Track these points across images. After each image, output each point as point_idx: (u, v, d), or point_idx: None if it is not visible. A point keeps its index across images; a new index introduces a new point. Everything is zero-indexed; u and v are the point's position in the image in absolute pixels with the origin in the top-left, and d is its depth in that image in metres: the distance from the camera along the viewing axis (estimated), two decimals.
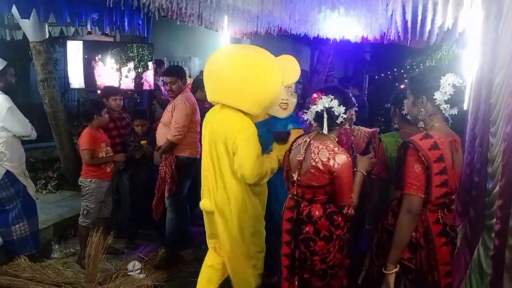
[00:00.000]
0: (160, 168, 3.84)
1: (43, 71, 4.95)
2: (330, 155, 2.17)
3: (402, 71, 13.88)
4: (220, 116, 2.55)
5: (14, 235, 3.66)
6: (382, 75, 14.49)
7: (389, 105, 3.91)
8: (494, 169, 2.44)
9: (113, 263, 3.84)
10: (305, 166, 2.26)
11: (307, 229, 2.24)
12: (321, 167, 2.18)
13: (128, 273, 3.67)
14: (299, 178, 2.28)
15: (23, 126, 3.62)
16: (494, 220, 2.35)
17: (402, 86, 12.02)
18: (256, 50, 2.60)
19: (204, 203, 2.66)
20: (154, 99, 6.15)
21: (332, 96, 2.22)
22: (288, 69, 2.63)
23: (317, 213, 2.24)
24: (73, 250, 4.13)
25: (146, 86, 5.66)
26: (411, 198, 1.94)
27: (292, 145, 2.44)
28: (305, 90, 9.91)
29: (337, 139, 2.32)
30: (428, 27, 4.65)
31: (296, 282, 2.32)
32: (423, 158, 1.91)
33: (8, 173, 3.59)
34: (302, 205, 2.28)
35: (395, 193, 2.15)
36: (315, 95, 2.26)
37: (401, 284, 2.06)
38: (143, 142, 4.22)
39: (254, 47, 2.68)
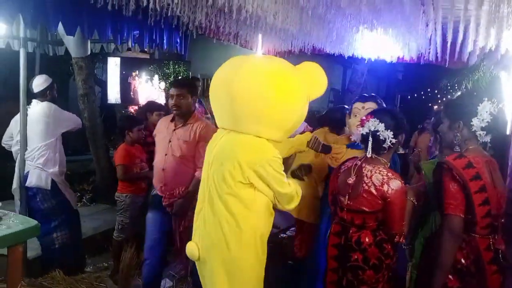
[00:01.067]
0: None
1: (83, 86, 5.09)
2: (384, 180, 2.11)
3: (436, 91, 13.66)
4: (233, 139, 2.10)
5: (56, 243, 3.73)
6: (415, 95, 14.27)
7: (422, 126, 3.83)
8: None
9: None
10: (356, 190, 2.19)
11: (356, 256, 2.16)
12: (374, 191, 2.12)
13: None
14: (349, 202, 2.21)
15: (72, 119, 3.82)
16: None
17: (435, 107, 11.83)
18: (275, 63, 2.12)
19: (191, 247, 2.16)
20: None
21: (378, 120, 2.17)
22: (313, 81, 2.17)
23: (367, 239, 2.16)
24: (106, 265, 4.17)
25: None
26: (450, 218, 1.93)
27: (340, 168, 2.38)
28: None
29: (389, 164, 2.25)
30: (469, 48, 4.56)
31: None
32: (457, 177, 1.91)
33: (52, 182, 3.70)
34: (350, 231, 2.21)
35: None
36: (364, 117, 2.22)
37: None
38: None
39: (270, 57, 2.26)
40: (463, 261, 1.98)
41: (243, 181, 2.01)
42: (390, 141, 2.16)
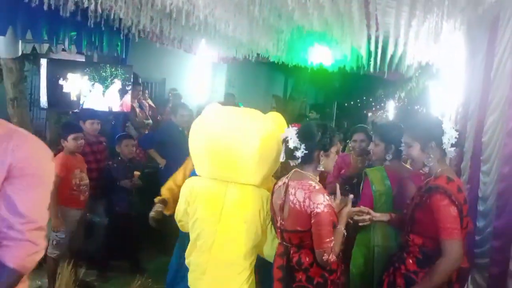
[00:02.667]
0: None
1: (13, 89, 4.68)
2: (306, 194, 2.04)
3: (371, 99, 14.30)
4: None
5: None
6: (352, 102, 14.84)
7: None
8: (487, 208, 2.46)
9: None
10: (286, 210, 2.11)
11: (300, 277, 2.10)
12: (298, 208, 2.04)
13: None
14: (282, 223, 2.14)
15: None
16: (487, 261, 2.36)
17: (369, 114, 12.38)
18: (263, 118, 2.36)
19: None
20: (128, 121, 5.96)
21: (295, 128, 2.12)
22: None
23: (307, 259, 2.09)
24: (40, 283, 3.85)
25: (122, 108, 5.48)
26: (456, 244, 1.90)
27: (274, 187, 2.28)
28: None
29: (317, 177, 2.17)
30: (408, 61, 4.79)
31: None
32: (456, 202, 1.92)
33: None
34: (291, 251, 2.13)
35: (407, 238, 2.10)
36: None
37: None
38: (136, 173, 4.07)
39: (254, 111, 2.42)
40: None
41: None
42: (303, 152, 2.08)
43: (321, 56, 6.09)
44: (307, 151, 2.08)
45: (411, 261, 2.07)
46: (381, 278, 2.22)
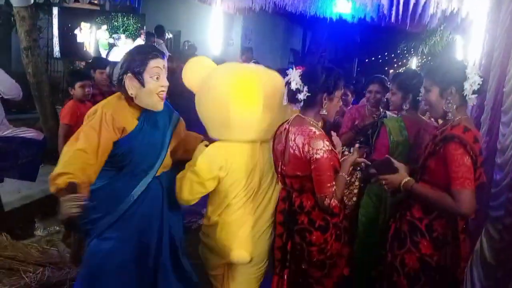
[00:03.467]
0: None
1: (27, 38, 4.68)
2: (305, 140, 2.01)
3: (393, 55, 13.85)
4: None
5: None
6: (373, 58, 14.41)
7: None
8: (504, 160, 2.38)
9: None
10: (286, 155, 2.10)
11: (302, 219, 2.11)
12: (298, 154, 2.03)
13: None
14: (283, 168, 2.13)
15: (8, 85, 3.42)
16: (502, 213, 2.30)
17: (391, 71, 12.03)
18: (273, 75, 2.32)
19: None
20: None
21: (299, 71, 2.04)
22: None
23: (308, 203, 2.10)
24: (58, 228, 3.98)
25: None
26: (468, 193, 1.82)
27: (275, 133, 2.25)
28: None
29: (320, 123, 2.12)
30: (431, 10, 4.56)
31: (285, 276, 2.20)
32: (471, 152, 1.83)
33: None
34: (294, 195, 2.15)
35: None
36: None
37: (419, 281, 1.99)
38: None
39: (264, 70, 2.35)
40: (440, 229, 1.95)
41: None
42: (305, 94, 2.01)
43: (341, 5, 5.87)
44: (310, 94, 2.02)
45: (416, 207, 2.03)
46: (388, 225, 2.20)
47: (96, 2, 5.50)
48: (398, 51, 11.68)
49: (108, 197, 2.13)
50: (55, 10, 5.01)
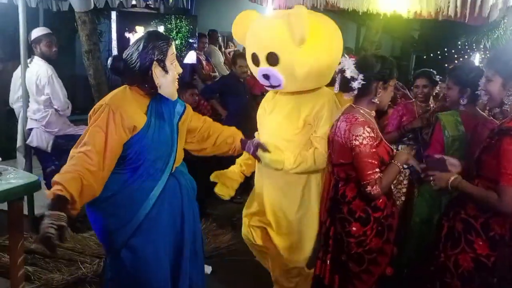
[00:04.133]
0: None
1: (87, 42, 4.95)
2: (347, 126, 2.03)
3: (453, 51, 13.17)
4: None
5: None
6: (431, 55, 13.78)
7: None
8: None
9: None
10: (334, 143, 2.16)
11: (342, 209, 2.15)
12: (341, 140, 2.07)
13: None
14: (332, 156, 2.20)
15: (60, 99, 3.65)
16: None
17: (451, 67, 11.43)
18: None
19: None
20: (195, 73, 6.07)
21: (354, 59, 2.05)
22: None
23: (350, 193, 2.12)
24: None
25: (188, 60, 5.57)
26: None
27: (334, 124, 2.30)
28: None
29: (372, 111, 2.12)
30: (491, 1, 4.29)
31: (328, 261, 2.21)
32: None
33: (53, 145, 3.67)
34: (340, 185, 2.18)
35: (471, 182, 1.94)
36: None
37: (474, 283, 1.90)
38: None
39: None
40: (498, 229, 1.85)
41: None
42: (360, 83, 2.01)
43: (395, 1, 5.66)
44: (365, 82, 2.02)
45: (471, 205, 1.92)
46: (440, 223, 2.10)
47: (151, 5, 5.70)
48: (459, 46, 11.10)
49: (125, 203, 1.98)
50: (113, 15, 5.26)
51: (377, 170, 1.99)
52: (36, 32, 3.73)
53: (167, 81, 1.97)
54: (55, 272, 3.08)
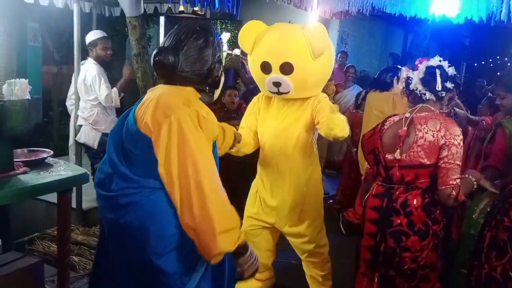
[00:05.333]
0: None
1: (137, 45, 5.14)
2: (442, 125, 1.93)
3: (506, 59, 12.61)
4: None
5: None
6: (483, 63, 13.26)
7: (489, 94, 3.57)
8: None
9: None
10: (408, 142, 2.01)
11: (399, 221, 2.01)
12: (431, 138, 1.94)
13: None
14: (400, 157, 2.03)
15: (102, 94, 3.83)
16: None
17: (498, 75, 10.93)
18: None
19: None
20: (238, 77, 6.15)
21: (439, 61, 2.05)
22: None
23: (414, 201, 1.99)
24: None
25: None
26: None
27: (383, 124, 2.20)
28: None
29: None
30: None
31: (376, 279, 2.10)
32: None
33: (100, 142, 3.84)
34: (397, 192, 2.04)
35: None
36: (417, 62, 2.08)
37: None
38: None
39: None
40: None
41: None
42: (450, 85, 2.00)
43: (444, 5, 5.50)
44: (452, 87, 2.05)
45: None
46: (483, 233, 2.02)
47: (198, 11, 5.85)
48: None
49: None
50: (162, 20, 5.45)
51: (460, 176, 1.94)
52: (92, 36, 3.94)
53: (221, 83, 1.81)
54: None
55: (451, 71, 2.04)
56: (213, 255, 1.44)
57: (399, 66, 3.93)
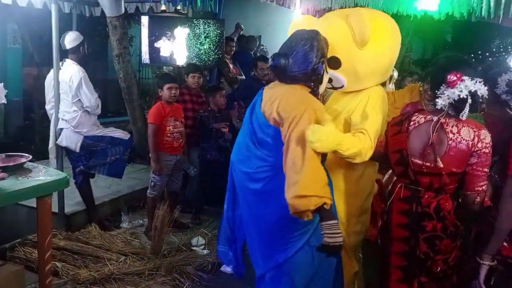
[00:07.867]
0: None
1: (118, 46, 5.08)
2: (475, 133, 1.89)
3: (487, 54, 12.76)
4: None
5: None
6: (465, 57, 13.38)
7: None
8: None
9: (178, 236, 3.88)
10: (440, 151, 1.94)
11: (431, 226, 1.98)
12: (465, 147, 1.89)
13: (192, 248, 3.71)
14: (428, 164, 1.97)
15: (90, 99, 3.74)
16: None
17: (479, 68, 11.04)
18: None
19: None
20: (222, 76, 6.12)
21: (476, 79, 1.87)
22: None
23: (447, 206, 1.97)
24: (141, 222, 4.26)
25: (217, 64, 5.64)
26: None
27: (407, 125, 2.06)
28: None
29: None
30: None
31: (415, 284, 2.06)
32: None
33: (82, 146, 3.77)
34: (426, 196, 2.00)
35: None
36: (453, 77, 1.87)
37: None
38: (224, 129, 4.21)
39: None
40: None
41: None
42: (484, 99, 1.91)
43: (426, 1, 5.53)
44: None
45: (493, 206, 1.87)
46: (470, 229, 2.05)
47: (181, 10, 5.81)
48: (493, 49, 10.77)
49: None
50: (143, 19, 5.39)
51: (487, 183, 1.92)
52: (78, 36, 3.82)
53: (326, 79, 2.16)
54: (82, 268, 3.16)
55: (483, 92, 1.91)
56: (293, 212, 1.85)
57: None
